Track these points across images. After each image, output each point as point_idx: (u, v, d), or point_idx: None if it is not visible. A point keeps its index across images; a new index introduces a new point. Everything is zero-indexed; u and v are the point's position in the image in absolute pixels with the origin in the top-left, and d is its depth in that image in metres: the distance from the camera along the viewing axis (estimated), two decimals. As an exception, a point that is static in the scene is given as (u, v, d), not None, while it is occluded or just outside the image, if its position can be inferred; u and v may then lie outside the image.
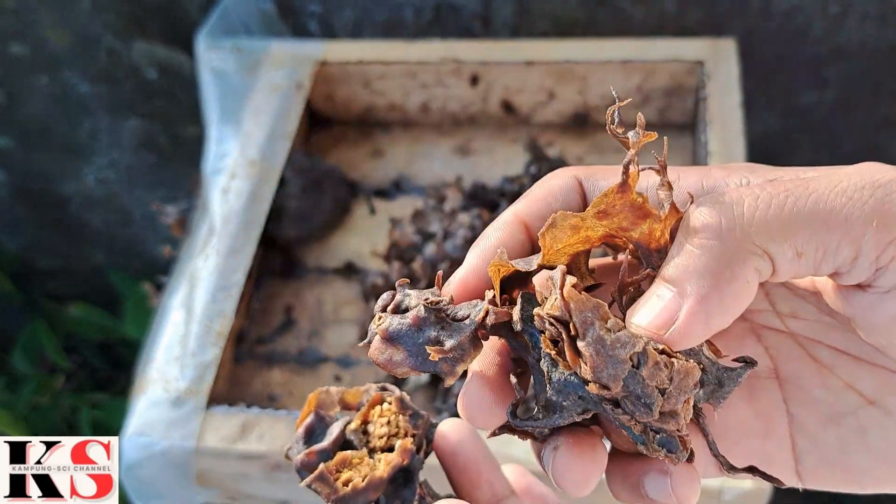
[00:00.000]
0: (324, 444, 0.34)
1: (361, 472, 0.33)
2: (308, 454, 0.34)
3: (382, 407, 0.35)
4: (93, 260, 1.55)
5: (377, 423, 0.35)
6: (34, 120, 1.24)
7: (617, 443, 0.30)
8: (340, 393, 0.36)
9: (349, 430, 0.35)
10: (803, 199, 0.26)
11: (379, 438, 0.34)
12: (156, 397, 0.71)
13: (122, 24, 1.08)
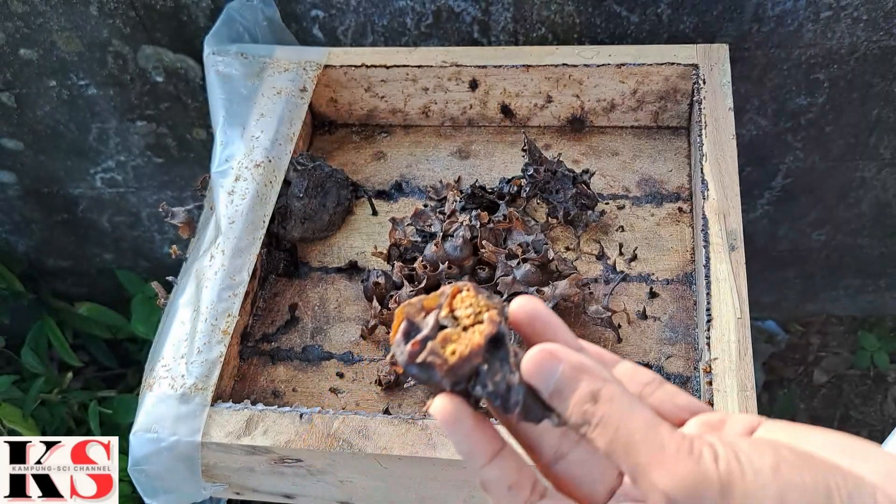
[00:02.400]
0: (424, 332, 0.38)
1: (462, 344, 0.37)
2: (413, 344, 0.38)
3: (462, 294, 0.39)
4: (101, 260, 1.55)
5: (462, 307, 0.38)
6: (43, 123, 1.25)
7: None
8: (422, 300, 0.40)
9: (440, 318, 0.38)
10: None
11: (467, 318, 0.38)
12: (163, 394, 0.72)
13: (129, 30, 1.09)
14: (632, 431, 0.34)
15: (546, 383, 0.36)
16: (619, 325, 0.79)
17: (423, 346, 0.37)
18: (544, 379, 0.36)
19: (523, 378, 0.37)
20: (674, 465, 0.33)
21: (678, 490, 0.33)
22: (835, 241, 1.38)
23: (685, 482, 0.33)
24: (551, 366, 0.36)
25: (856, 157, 1.19)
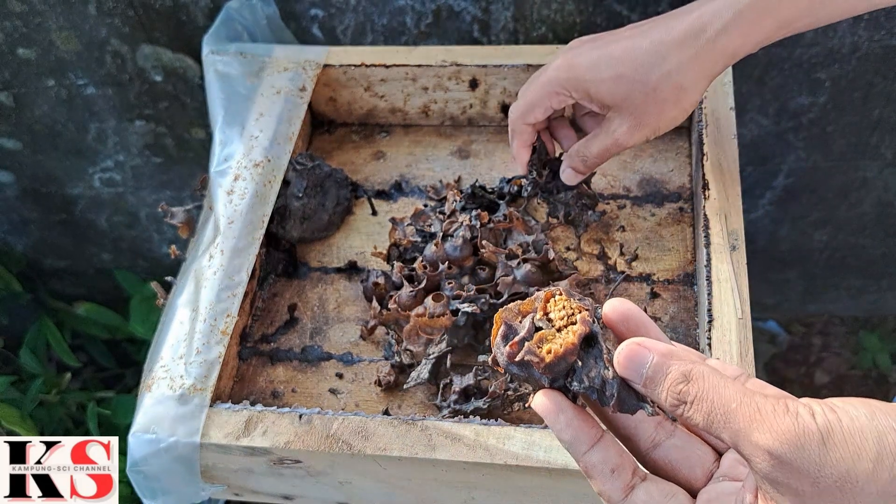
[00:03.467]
0: (521, 334, 0.41)
1: (557, 343, 0.40)
2: (511, 345, 0.41)
3: (555, 298, 0.42)
4: (99, 260, 1.55)
5: (555, 310, 0.42)
6: (41, 122, 1.25)
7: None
8: (517, 306, 0.43)
9: (536, 320, 0.42)
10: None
11: (560, 320, 0.41)
12: (162, 394, 0.72)
13: (128, 29, 1.09)
14: (727, 401, 0.37)
15: (639, 373, 0.39)
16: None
17: (520, 347, 0.41)
18: (637, 369, 0.39)
19: (617, 372, 0.40)
20: (773, 424, 0.35)
21: (781, 445, 0.35)
22: (836, 242, 1.38)
23: (787, 436, 0.35)
24: (642, 356, 0.39)
25: (857, 156, 1.19)
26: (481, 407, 0.71)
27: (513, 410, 0.73)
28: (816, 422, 0.35)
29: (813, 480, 0.35)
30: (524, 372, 0.41)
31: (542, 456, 0.65)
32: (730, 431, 0.37)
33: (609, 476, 0.41)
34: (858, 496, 0.35)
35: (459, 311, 0.77)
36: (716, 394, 0.37)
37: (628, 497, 0.41)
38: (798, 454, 0.35)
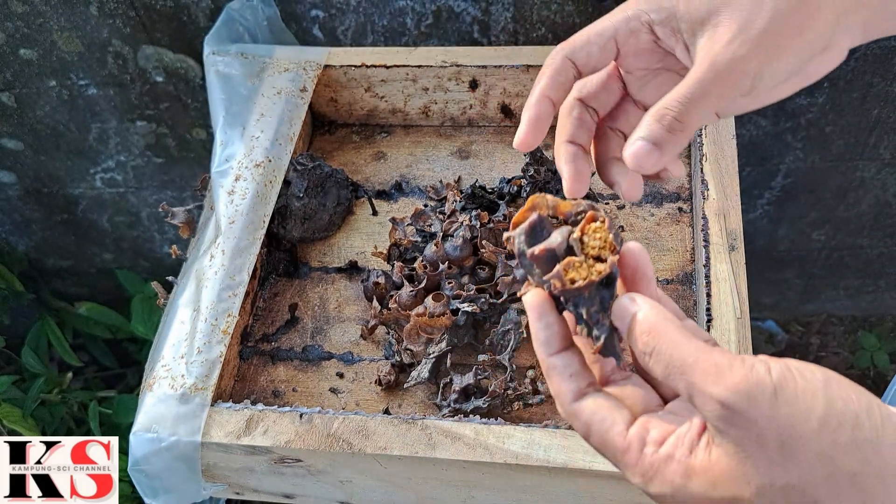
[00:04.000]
0: (553, 246, 0.43)
1: (581, 275, 0.41)
2: (541, 250, 0.43)
3: (596, 224, 0.43)
4: (101, 260, 1.55)
5: (592, 236, 0.43)
6: (43, 123, 1.25)
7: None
8: (556, 202, 0.44)
9: (571, 239, 0.43)
10: (700, 105, 0.50)
11: (592, 249, 0.42)
12: (163, 394, 0.72)
13: (129, 30, 1.09)
14: (685, 355, 0.38)
15: (622, 322, 0.42)
16: (619, 325, 0.79)
17: (546, 257, 0.42)
18: (622, 318, 0.42)
19: (612, 322, 0.43)
20: (728, 376, 0.36)
21: (732, 395, 0.36)
22: (835, 241, 1.38)
23: (739, 388, 0.36)
24: (629, 309, 0.41)
25: (855, 157, 1.19)
26: (481, 406, 0.72)
27: (513, 410, 0.73)
28: (772, 376, 0.36)
29: (758, 433, 0.36)
30: (534, 274, 0.43)
31: (541, 455, 0.65)
32: (685, 383, 0.38)
33: (566, 378, 0.43)
34: (798, 454, 0.35)
35: (459, 311, 0.77)
36: (675, 348, 0.39)
37: (578, 401, 0.43)
38: (748, 404, 0.36)
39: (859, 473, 0.35)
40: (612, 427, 0.42)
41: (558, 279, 0.42)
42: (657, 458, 0.40)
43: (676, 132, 0.49)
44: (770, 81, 0.50)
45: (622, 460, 0.42)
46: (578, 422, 0.43)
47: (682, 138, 0.50)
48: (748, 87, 0.49)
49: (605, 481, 0.66)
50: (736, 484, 0.37)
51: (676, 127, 0.49)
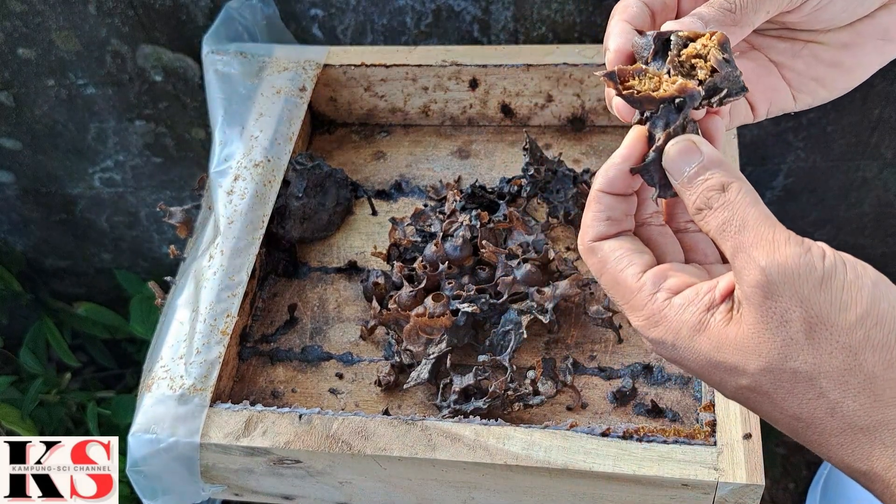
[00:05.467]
0: (646, 55, 0.43)
1: (644, 87, 0.42)
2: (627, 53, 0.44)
3: (708, 37, 0.42)
4: (99, 260, 1.55)
5: (696, 43, 0.42)
6: (41, 122, 1.25)
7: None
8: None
9: (677, 34, 0.42)
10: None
11: (687, 57, 0.42)
12: (162, 394, 0.72)
13: (128, 29, 1.09)
14: (747, 217, 0.37)
15: (682, 170, 0.40)
16: (619, 325, 0.79)
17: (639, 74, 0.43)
18: (682, 166, 0.41)
19: (661, 159, 0.42)
20: (782, 249, 0.36)
21: (777, 268, 0.35)
22: (836, 242, 1.38)
23: (787, 263, 0.35)
24: (692, 155, 0.40)
25: (857, 156, 1.19)
26: (481, 407, 0.71)
27: (513, 410, 0.73)
28: (824, 263, 0.35)
29: (788, 311, 0.36)
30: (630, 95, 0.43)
31: (541, 456, 0.65)
32: (735, 242, 0.37)
33: (600, 219, 0.43)
34: (822, 342, 0.36)
35: (459, 311, 0.77)
36: (741, 208, 0.38)
37: (599, 242, 0.43)
38: (791, 282, 0.35)
39: (879, 377, 0.35)
40: (628, 268, 0.41)
41: (611, 81, 0.42)
42: (668, 306, 0.39)
43: (727, 14, 0.44)
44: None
45: (630, 301, 0.41)
46: (594, 258, 0.43)
47: (730, 21, 0.45)
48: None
49: (606, 483, 0.66)
50: (744, 354, 0.37)
51: (729, 6, 0.44)
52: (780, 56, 0.50)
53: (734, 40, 0.45)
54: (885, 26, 0.48)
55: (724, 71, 0.41)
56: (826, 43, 0.49)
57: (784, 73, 0.50)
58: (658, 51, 0.43)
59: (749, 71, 0.49)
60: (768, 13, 0.45)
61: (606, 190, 0.43)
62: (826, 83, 0.50)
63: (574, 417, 0.73)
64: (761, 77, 0.50)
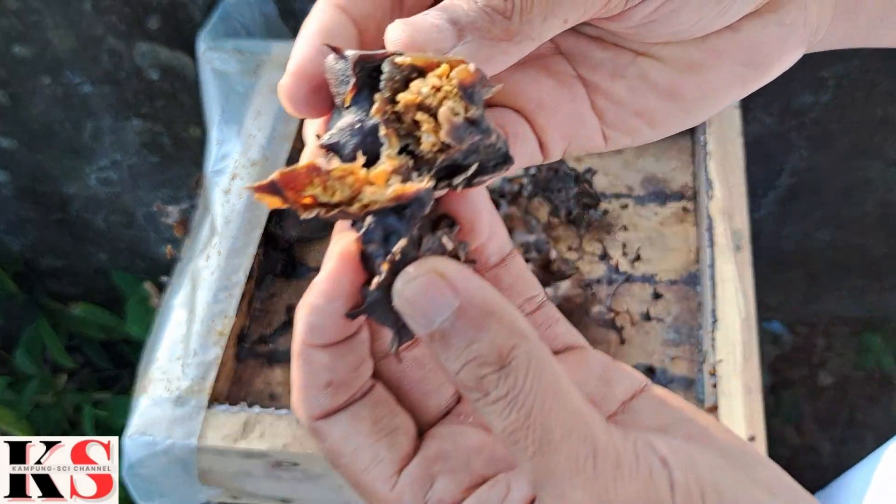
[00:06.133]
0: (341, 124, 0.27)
1: (332, 193, 0.26)
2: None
3: (445, 74, 0.26)
4: (95, 260, 1.55)
5: (425, 81, 0.26)
6: (37, 121, 1.24)
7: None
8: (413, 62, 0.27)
9: (392, 61, 0.27)
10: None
11: (406, 107, 0.27)
12: (158, 396, 0.72)
13: (124, 26, 1.08)
14: (552, 425, 0.24)
15: (428, 320, 0.25)
16: (622, 326, 0.78)
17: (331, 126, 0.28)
18: (427, 313, 0.25)
19: (389, 289, 0.27)
20: (613, 485, 0.24)
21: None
22: (839, 241, 1.37)
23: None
24: (440, 299, 0.25)
25: (861, 156, 1.19)
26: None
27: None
28: (674, 495, 0.24)
29: None
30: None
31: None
32: (539, 470, 0.24)
33: (318, 388, 0.29)
34: None
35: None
36: (539, 407, 0.24)
37: (323, 422, 0.30)
38: None
39: None
40: (373, 468, 0.29)
41: (268, 193, 0.26)
42: None
43: (496, 19, 0.28)
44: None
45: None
46: (322, 444, 0.30)
47: (501, 33, 0.28)
48: None
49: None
50: None
51: (499, 6, 0.28)
52: (594, 72, 0.34)
53: (507, 62, 0.29)
54: (752, 45, 0.33)
55: (465, 143, 0.26)
56: (664, 60, 0.33)
57: (596, 101, 0.34)
58: (363, 86, 0.27)
59: (545, 91, 0.33)
60: (566, 22, 0.29)
61: (316, 343, 0.29)
62: (654, 120, 0.34)
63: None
64: (561, 103, 0.33)
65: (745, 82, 0.33)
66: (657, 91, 0.33)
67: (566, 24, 0.29)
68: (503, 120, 0.33)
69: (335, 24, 0.29)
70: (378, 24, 0.30)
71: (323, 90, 0.28)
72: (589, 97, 0.34)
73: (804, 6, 0.32)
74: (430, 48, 0.27)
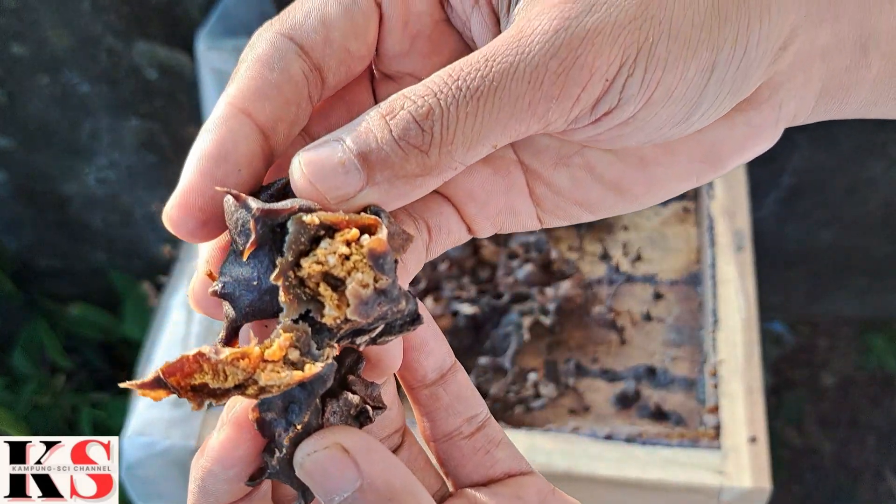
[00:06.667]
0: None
1: (224, 379, 0.25)
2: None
3: (354, 241, 0.25)
4: (93, 260, 1.54)
5: (332, 246, 0.25)
6: (35, 120, 1.24)
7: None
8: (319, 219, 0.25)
9: (299, 220, 0.25)
10: (489, 93, 0.25)
11: (310, 275, 0.25)
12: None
13: (122, 25, 1.08)
14: None
15: (327, 495, 0.25)
16: (622, 326, 0.78)
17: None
18: (327, 488, 0.25)
19: (295, 472, 0.26)
20: None
21: None
22: (842, 241, 1.37)
23: None
24: (341, 476, 0.25)
25: (863, 155, 1.19)
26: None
27: (514, 413, 0.72)
28: None
29: None
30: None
31: (542, 460, 0.64)
32: None
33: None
34: None
35: (459, 313, 0.76)
36: None
37: None
38: None
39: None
40: None
41: (152, 388, 0.25)
42: None
43: (411, 154, 0.25)
44: (639, 97, 0.26)
45: None
46: None
47: (416, 169, 0.26)
48: (597, 90, 0.26)
49: (606, 487, 0.65)
50: None
51: (415, 140, 0.25)
52: (536, 159, 0.31)
53: (423, 193, 0.27)
54: (714, 144, 0.30)
55: (372, 315, 0.25)
56: (613, 153, 0.31)
57: (535, 188, 0.31)
58: (263, 242, 0.26)
59: (478, 182, 0.31)
60: (495, 146, 0.26)
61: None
62: (595, 208, 0.32)
63: (577, 421, 0.72)
64: (495, 195, 0.31)
65: (699, 177, 0.31)
66: (602, 183, 0.31)
67: (494, 148, 0.26)
68: (427, 211, 0.30)
69: (235, 139, 0.27)
70: (290, 124, 0.28)
71: (212, 221, 0.26)
72: (527, 184, 0.31)
73: (778, 106, 0.29)
74: (334, 195, 0.25)
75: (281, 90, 0.27)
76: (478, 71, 0.24)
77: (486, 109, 0.24)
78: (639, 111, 0.26)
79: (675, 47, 0.25)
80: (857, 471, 1.43)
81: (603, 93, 0.25)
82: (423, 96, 0.25)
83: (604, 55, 0.24)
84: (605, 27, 0.24)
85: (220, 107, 0.27)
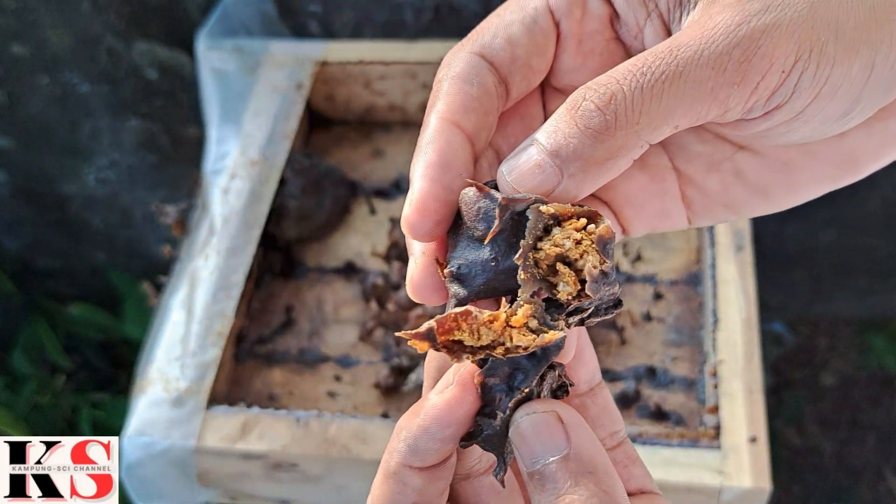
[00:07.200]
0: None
1: (478, 338, 0.28)
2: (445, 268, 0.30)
3: (581, 227, 0.29)
4: (93, 260, 1.55)
5: (563, 232, 0.29)
6: (35, 120, 1.24)
7: None
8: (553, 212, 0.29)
9: (537, 209, 0.28)
10: (674, 77, 0.27)
11: (547, 256, 0.28)
12: (156, 397, 0.72)
13: (122, 25, 1.08)
14: None
15: (532, 458, 0.28)
16: (622, 326, 0.78)
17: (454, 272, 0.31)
18: (536, 451, 0.28)
19: (507, 426, 0.29)
20: None
21: None
22: (843, 241, 1.37)
23: None
24: (552, 441, 0.28)
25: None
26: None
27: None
28: None
29: None
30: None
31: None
32: None
33: (429, 478, 0.30)
34: None
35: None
36: None
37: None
38: None
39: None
40: None
41: (423, 341, 0.28)
42: None
43: (597, 140, 0.28)
44: (811, 90, 0.28)
45: None
46: None
47: (605, 153, 0.28)
48: (774, 81, 0.28)
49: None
50: None
51: (599, 126, 0.28)
52: (689, 164, 0.34)
53: (614, 175, 0.29)
54: (852, 149, 0.32)
55: (598, 293, 0.28)
56: (763, 156, 0.33)
57: (686, 191, 0.35)
58: (505, 227, 0.29)
59: (636, 188, 0.34)
60: (676, 128, 0.28)
61: (415, 465, 0.29)
62: (739, 209, 0.35)
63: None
64: (650, 200, 0.34)
65: (835, 181, 0.34)
66: (749, 186, 0.34)
67: (676, 130, 0.29)
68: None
69: (453, 149, 0.30)
70: (488, 132, 0.32)
71: (444, 222, 0.30)
72: (680, 189, 0.35)
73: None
74: (537, 192, 0.29)
75: (481, 103, 0.31)
76: (664, 58, 0.27)
77: (672, 92, 0.27)
78: (808, 106, 0.28)
79: (840, 46, 0.27)
80: (857, 471, 1.43)
81: (779, 85, 0.27)
82: (605, 84, 0.28)
83: (782, 48, 0.27)
84: (783, 24, 0.27)
85: (431, 121, 0.30)
